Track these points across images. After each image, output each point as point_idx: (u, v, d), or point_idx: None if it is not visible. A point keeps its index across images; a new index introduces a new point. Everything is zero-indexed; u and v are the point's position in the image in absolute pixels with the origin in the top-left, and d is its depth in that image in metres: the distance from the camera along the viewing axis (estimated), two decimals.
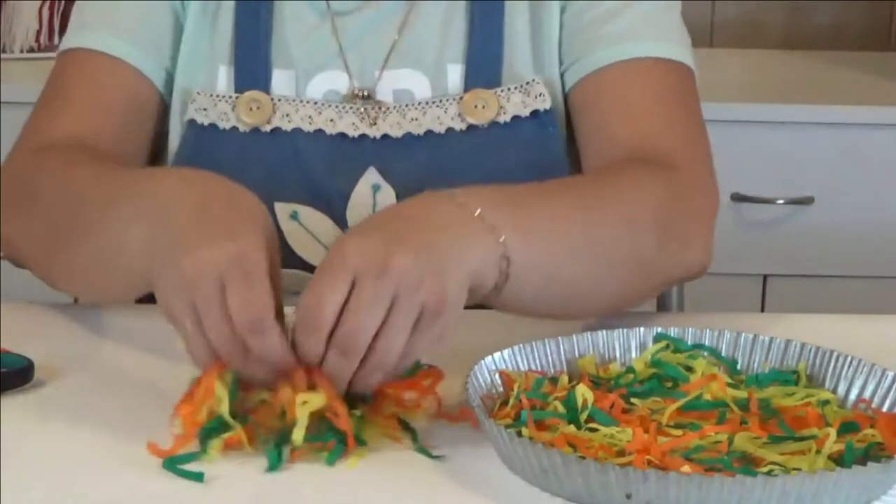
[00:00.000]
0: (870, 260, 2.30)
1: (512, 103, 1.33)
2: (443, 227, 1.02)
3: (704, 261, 1.24)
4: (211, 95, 1.34)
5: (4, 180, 1.29)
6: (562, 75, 1.36)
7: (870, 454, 0.95)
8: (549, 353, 1.07)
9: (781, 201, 2.26)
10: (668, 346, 1.08)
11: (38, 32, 2.36)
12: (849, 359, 1.05)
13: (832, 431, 0.95)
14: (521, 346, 1.06)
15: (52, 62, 1.40)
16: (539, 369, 1.06)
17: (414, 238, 0.99)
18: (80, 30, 1.36)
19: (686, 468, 0.90)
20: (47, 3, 2.36)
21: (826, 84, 2.46)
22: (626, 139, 1.29)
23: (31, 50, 2.36)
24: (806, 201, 2.27)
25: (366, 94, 1.34)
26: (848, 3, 2.73)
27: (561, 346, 1.07)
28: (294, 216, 1.32)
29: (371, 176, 1.32)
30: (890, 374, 1.02)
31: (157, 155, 1.39)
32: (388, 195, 1.32)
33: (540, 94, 1.33)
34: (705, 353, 1.08)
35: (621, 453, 0.93)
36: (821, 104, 2.29)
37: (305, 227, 1.32)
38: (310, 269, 1.31)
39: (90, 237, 1.14)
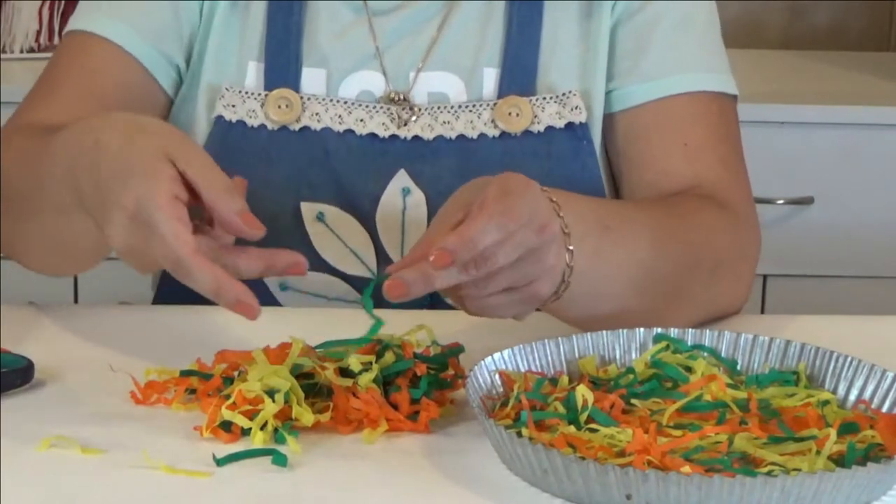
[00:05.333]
0: (870, 260, 2.30)
1: (547, 113, 1.32)
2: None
3: (743, 301, 1.28)
4: (240, 92, 1.33)
5: None
6: (607, 93, 1.34)
7: (870, 455, 0.95)
8: (548, 354, 1.07)
9: (781, 201, 2.26)
10: (667, 347, 1.08)
11: (38, 32, 2.36)
12: (849, 359, 1.05)
13: (832, 432, 0.95)
14: (521, 346, 1.06)
15: None
16: (539, 370, 1.06)
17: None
18: (83, 12, 1.36)
19: (686, 469, 0.90)
20: (47, 3, 2.36)
21: (826, 84, 2.46)
22: (684, 176, 1.30)
23: (31, 50, 2.35)
24: (806, 201, 2.27)
25: (401, 96, 1.33)
26: (848, 3, 2.73)
27: (561, 347, 1.07)
28: (320, 217, 1.31)
29: (401, 179, 1.31)
30: (890, 375, 1.02)
31: None
32: (418, 199, 1.31)
33: (576, 107, 1.32)
34: (705, 354, 1.08)
35: (621, 454, 0.93)
36: (821, 104, 2.29)
37: (331, 228, 1.31)
38: (335, 272, 1.31)
39: (38, 214, 1.15)
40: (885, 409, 1.02)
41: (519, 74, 1.33)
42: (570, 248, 1.06)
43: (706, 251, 1.23)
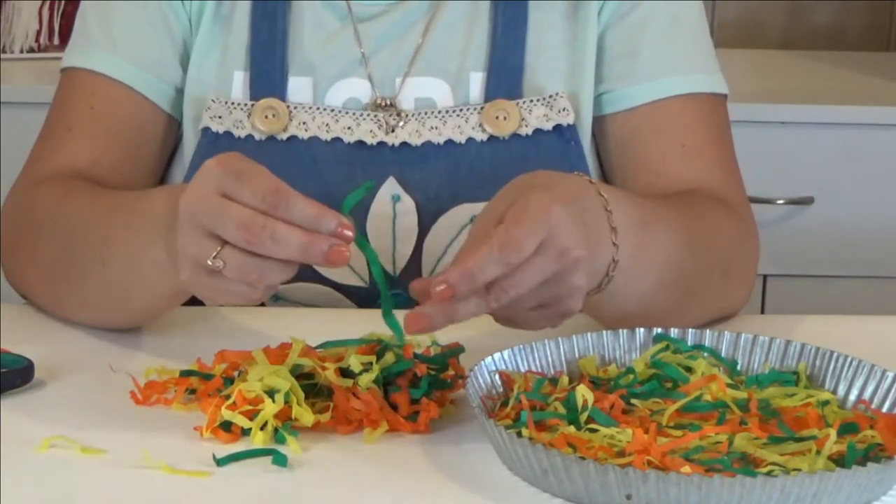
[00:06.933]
0: (870, 260, 2.30)
1: (534, 116, 1.32)
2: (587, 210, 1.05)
3: (745, 302, 1.29)
4: (226, 103, 1.32)
5: (8, 213, 1.29)
6: (598, 96, 1.34)
7: (870, 455, 0.95)
8: (548, 354, 1.07)
9: (781, 201, 2.26)
10: (668, 347, 1.08)
11: (38, 32, 2.36)
12: (849, 359, 1.05)
13: (832, 432, 0.95)
14: (521, 346, 1.06)
15: (52, 62, 1.40)
16: (539, 370, 1.06)
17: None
18: (82, 47, 1.35)
19: (686, 469, 0.90)
20: (47, 3, 2.36)
21: (826, 84, 2.46)
22: (682, 178, 1.30)
23: (31, 50, 2.35)
24: (806, 201, 2.27)
25: (388, 102, 1.33)
26: (848, 3, 2.73)
27: (561, 347, 1.07)
28: None
29: (391, 186, 1.30)
30: (890, 375, 1.02)
31: (167, 172, 1.38)
32: (407, 205, 1.30)
33: (564, 109, 1.32)
34: (705, 354, 1.08)
35: (621, 454, 0.93)
36: (821, 104, 2.29)
37: None
38: (326, 282, 1.30)
39: (99, 267, 1.14)
40: (885, 409, 1.02)
41: (505, 77, 1.33)
42: (616, 242, 1.06)
43: (720, 252, 1.23)
